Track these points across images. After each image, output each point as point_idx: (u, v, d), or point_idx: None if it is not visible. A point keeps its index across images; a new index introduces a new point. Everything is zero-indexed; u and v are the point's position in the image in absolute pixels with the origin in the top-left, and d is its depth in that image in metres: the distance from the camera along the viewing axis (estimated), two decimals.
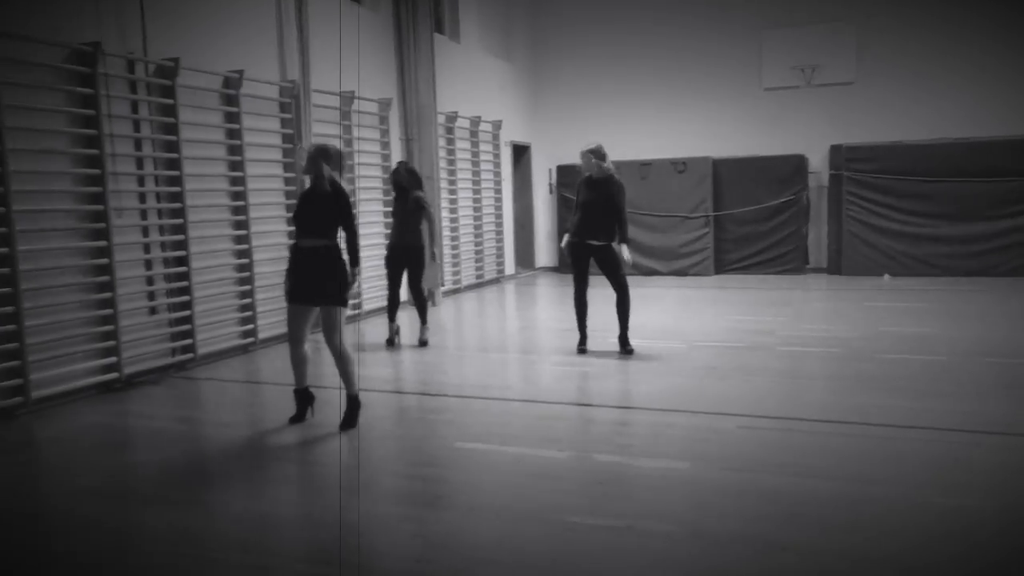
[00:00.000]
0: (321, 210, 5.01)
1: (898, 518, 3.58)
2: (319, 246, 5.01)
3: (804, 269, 13.11)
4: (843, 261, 12.66)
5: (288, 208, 8.09)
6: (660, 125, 14.00)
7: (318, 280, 5.01)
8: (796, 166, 13.01)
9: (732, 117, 13.63)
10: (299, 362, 5.19)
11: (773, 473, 4.15)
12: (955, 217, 11.99)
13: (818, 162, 13.17)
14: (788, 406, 5.39)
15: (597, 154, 7.05)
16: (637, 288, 10.96)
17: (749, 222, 13.23)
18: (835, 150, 12.74)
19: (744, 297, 10.92)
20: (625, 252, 7.06)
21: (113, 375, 6.24)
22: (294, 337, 5.16)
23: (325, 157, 5.02)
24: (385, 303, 8.16)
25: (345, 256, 5.13)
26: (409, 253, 7.75)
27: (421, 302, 7.96)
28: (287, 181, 8.26)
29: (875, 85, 12.85)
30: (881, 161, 12.31)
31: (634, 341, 7.24)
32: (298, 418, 5.25)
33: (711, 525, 3.54)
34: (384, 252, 8.21)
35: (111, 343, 6.24)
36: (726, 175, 13.34)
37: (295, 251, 5.18)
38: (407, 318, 8.65)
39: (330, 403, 5.25)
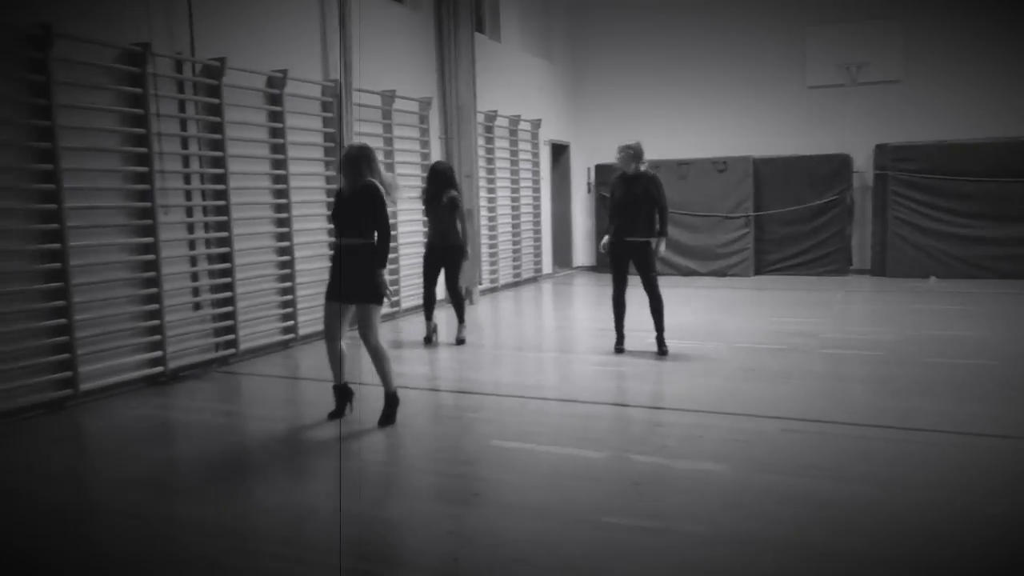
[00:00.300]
0: (355, 209, 5.06)
1: (943, 525, 3.50)
2: (354, 245, 5.07)
3: (847, 270, 12.88)
4: (887, 262, 12.41)
5: (329, 206, 8.18)
6: (700, 123, 13.86)
7: (353, 278, 5.07)
8: (840, 165, 12.79)
9: (774, 115, 13.44)
10: (336, 359, 5.26)
11: (813, 477, 4.09)
12: (1004, 218, 11.67)
13: (862, 161, 12.91)
14: (829, 409, 5.30)
15: (636, 151, 7.01)
16: (676, 288, 10.92)
17: (791, 222, 13.03)
18: (880, 149, 12.49)
19: (785, 298, 10.77)
20: (662, 246, 7.03)
21: (158, 369, 6.39)
22: (330, 334, 5.23)
23: (361, 157, 5.08)
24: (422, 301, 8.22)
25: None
26: (447, 252, 7.80)
27: (458, 301, 7.99)
28: (328, 180, 8.36)
29: (923, 83, 12.56)
30: (928, 161, 12.03)
31: (672, 342, 7.19)
32: (337, 414, 5.31)
33: (748, 528, 3.50)
34: (422, 251, 8.28)
35: (156, 338, 6.38)
36: (768, 174, 13.16)
37: (334, 249, 5.27)
38: (445, 316, 8.69)
39: (369, 399, 5.30)
